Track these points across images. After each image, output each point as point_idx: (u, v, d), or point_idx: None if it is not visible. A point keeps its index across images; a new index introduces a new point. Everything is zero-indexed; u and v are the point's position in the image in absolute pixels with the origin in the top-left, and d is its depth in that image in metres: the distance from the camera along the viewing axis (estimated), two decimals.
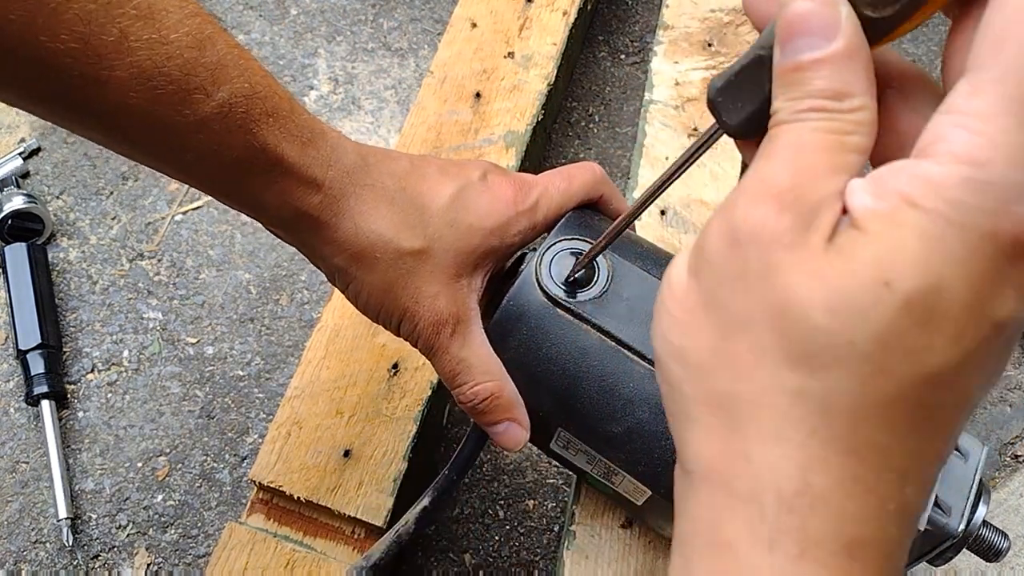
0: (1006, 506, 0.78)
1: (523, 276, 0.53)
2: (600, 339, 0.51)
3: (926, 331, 0.26)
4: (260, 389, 0.85)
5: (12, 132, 0.97)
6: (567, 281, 0.52)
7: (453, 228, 0.52)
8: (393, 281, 0.52)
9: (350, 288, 0.53)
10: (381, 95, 1.00)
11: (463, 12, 0.91)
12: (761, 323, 0.27)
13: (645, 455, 0.51)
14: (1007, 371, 0.87)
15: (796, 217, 0.27)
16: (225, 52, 0.44)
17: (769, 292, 0.27)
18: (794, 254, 0.27)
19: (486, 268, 0.55)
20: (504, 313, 0.53)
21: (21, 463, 0.81)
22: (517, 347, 0.53)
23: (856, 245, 0.26)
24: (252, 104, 0.45)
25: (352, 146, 0.51)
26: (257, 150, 0.46)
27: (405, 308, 0.53)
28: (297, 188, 0.49)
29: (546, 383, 0.53)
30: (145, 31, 0.41)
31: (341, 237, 0.51)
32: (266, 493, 0.69)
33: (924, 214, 0.25)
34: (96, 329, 0.87)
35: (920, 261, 0.25)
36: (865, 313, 0.26)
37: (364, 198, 0.51)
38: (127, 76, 0.42)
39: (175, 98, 0.43)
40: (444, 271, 0.52)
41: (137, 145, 0.46)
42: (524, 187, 0.55)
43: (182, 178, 0.50)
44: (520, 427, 0.55)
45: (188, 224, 0.93)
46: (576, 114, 1.01)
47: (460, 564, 0.78)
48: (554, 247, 0.53)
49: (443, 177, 0.53)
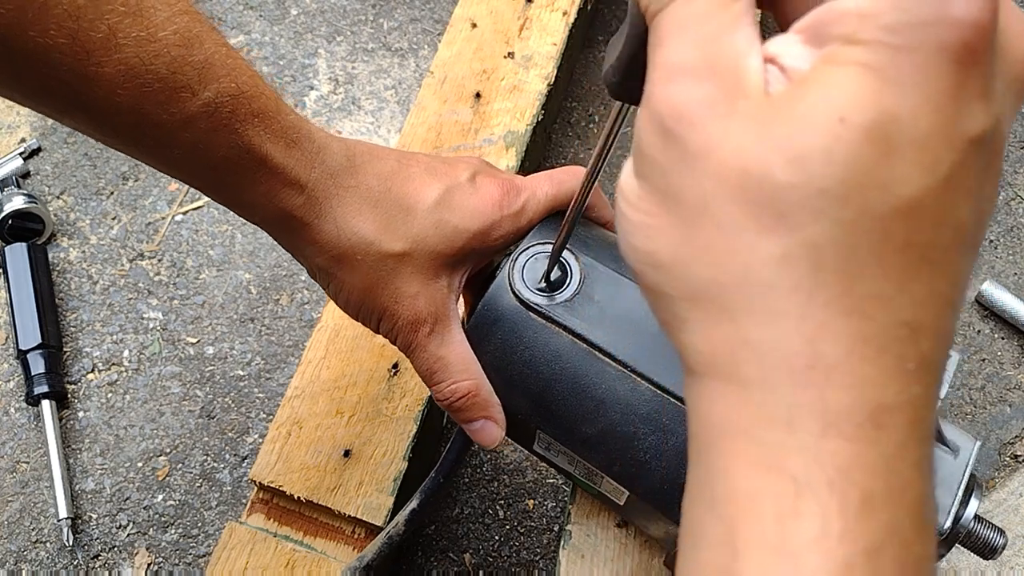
0: (1006, 506, 0.78)
1: (497, 281, 0.53)
2: (572, 342, 0.51)
3: (894, 161, 0.24)
4: (260, 389, 0.85)
5: (12, 132, 0.97)
6: (540, 285, 0.52)
7: (437, 229, 0.52)
8: (374, 282, 0.52)
9: (331, 287, 0.54)
10: (381, 95, 1.00)
11: (463, 12, 0.91)
12: (721, 199, 0.26)
13: (620, 455, 0.51)
14: (1007, 372, 0.87)
15: (718, 82, 0.26)
16: (213, 51, 0.45)
17: (719, 166, 0.25)
18: (733, 119, 0.25)
19: (465, 268, 0.55)
20: (479, 318, 0.53)
21: (21, 463, 0.81)
22: (493, 351, 0.53)
23: (800, 92, 0.25)
24: (238, 104, 0.46)
25: (339, 147, 0.51)
26: (242, 150, 0.47)
27: (385, 307, 0.53)
28: (281, 189, 0.49)
29: (522, 386, 0.53)
30: (133, 28, 0.42)
31: (323, 238, 0.51)
32: (266, 493, 0.69)
33: (865, 47, 0.24)
34: (96, 329, 0.87)
35: (872, 92, 0.24)
36: (828, 155, 0.24)
37: (348, 200, 0.51)
38: (115, 73, 0.42)
39: (161, 96, 0.43)
40: (424, 271, 0.53)
41: (125, 140, 0.47)
42: (512, 190, 0.55)
43: (171, 173, 0.50)
44: (496, 424, 0.55)
45: (188, 224, 0.93)
46: (576, 114, 1.01)
47: (460, 564, 0.78)
48: (528, 251, 0.54)
49: (430, 177, 0.53)
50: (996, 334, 0.89)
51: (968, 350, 0.88)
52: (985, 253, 0.93)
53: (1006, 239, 0.93)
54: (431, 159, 0.55)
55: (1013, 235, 0.94)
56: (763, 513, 0.26)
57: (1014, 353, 0.88)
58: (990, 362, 0.87)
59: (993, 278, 0.90)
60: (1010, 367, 0.87)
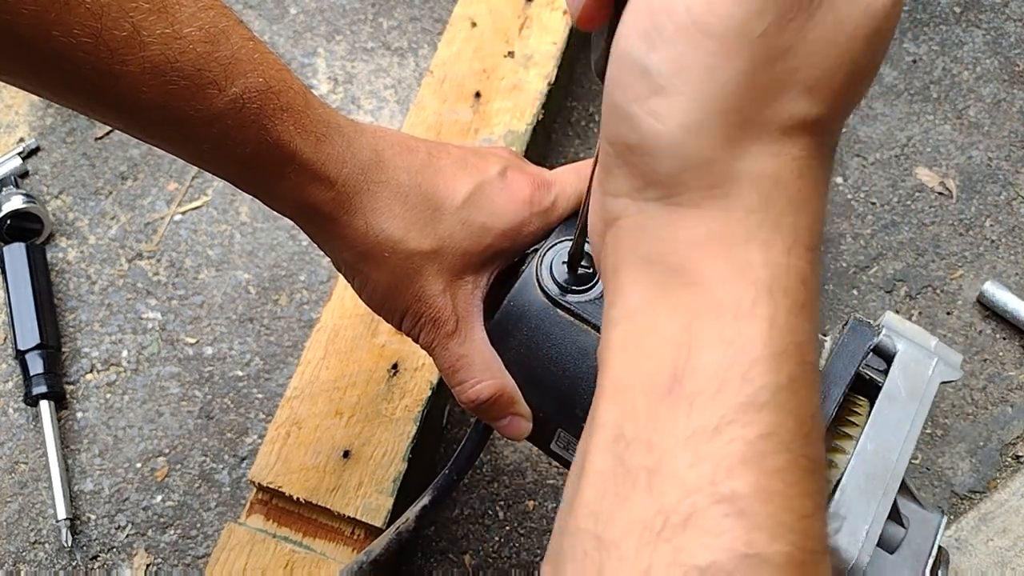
0: (1007, 507, 0.78)
1: (524, 276, 0.53)
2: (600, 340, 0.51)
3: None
4: (259, 389, 0.84)
5: (11, 132, 0.97)
6: (567, 281, 0.52)
7: (465, 227, 0.52)
8: (399, 279, 0.52)
9: (356, 281, 0.53)
10: (381, 94, 1.00)
11: (463, 11, 0.91)
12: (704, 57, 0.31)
13: None
14: (1009, 372, 0.86)
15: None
16: (239, 46, 0.44)
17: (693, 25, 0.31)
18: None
19: (494, 266, 0.54)
20: (504, 314, 0.53)
21: (20, 463, 0.81)
22: (518, 347, 0.53)
23: None
24: (266, 99, 0.45)
25: (368, 139, 0.51)
26: (271, 145, 0.46)
27: (408, 306, 0.52)
28: (310, 183, 0.48)
29: (546, 384, 0.52)
30: (158, 25, 0.41)
31: (351, 234, 0.50)
32: (265, 494, 0.69)
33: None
34: (95, 329, 0.87)
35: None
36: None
37: (377, 195, 0.50)
38: (140, 71, 0.42)
39: (187, 93, 0.43)
40: (450, 269, 0.52)
41: (152, 134, 0.46)
42: (542, 186, 0.54)
43: (199, 166, 0.50)
44: (523, 418, 0.55)
45: (187, 224, 0.92)
46: (576, 114, 1.01)
47: (460, 565, 0.78)
48: (556, 247, 0.53)
49: (460, 171, 0.53)
50: (997, 334, 0.88)
51: (969, 350, 0.87)
52: (986, 253, 0.92)
53: (1007, 239, 0.93)
54: (462, 151, 0.55)
55: (1014, 235, 0.93)
56: (723, 312, 0.31)
57: (1015, 353, 0.87)
58: (991, 362, 0.87)
59: (994, 278, 0.90)
60: (1012, 367, 0.87)
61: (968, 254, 0.93)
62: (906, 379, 0.52)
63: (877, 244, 0.93)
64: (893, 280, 0.91)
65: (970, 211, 0.95)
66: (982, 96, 1.01)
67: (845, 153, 0.98)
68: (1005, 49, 1.04)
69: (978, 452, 0.83)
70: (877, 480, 0.48)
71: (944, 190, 0.96)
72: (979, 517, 0.77)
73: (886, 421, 0.50)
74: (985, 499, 0.79)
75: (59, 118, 0.98)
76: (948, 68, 1.03)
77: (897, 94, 1.01)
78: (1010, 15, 1.06)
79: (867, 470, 0.48)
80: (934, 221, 0.94)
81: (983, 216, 0.95)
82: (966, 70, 1.03)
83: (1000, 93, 1.01)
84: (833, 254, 0.93)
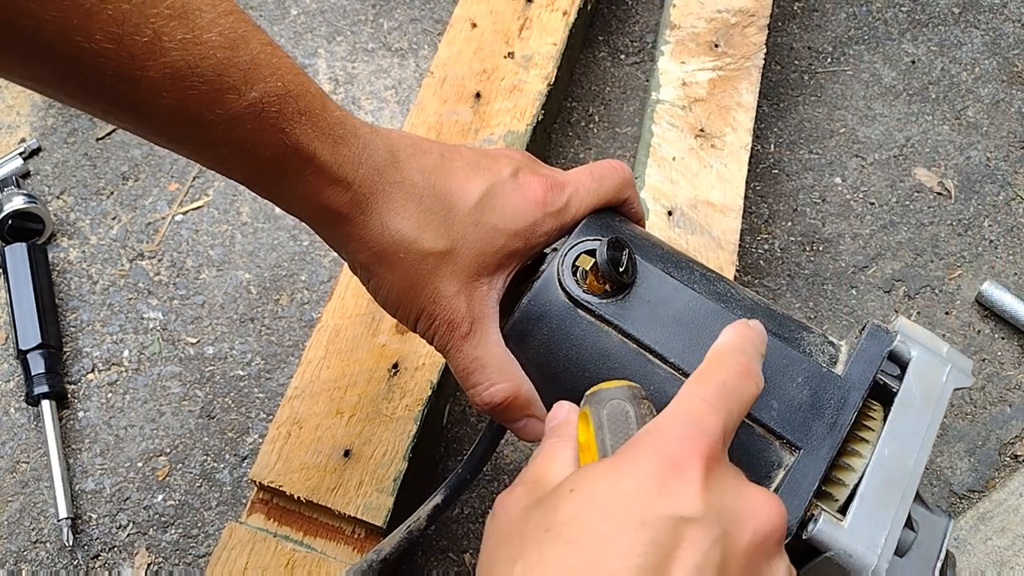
0: (1006, 506, 0.78)
1: (545, 276, 0.52)
2: (621, 341, 0.51)
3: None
4: (260, 389, 0.85)
5: (12, 132, 0.97)
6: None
7: (478, 228, 0.52)
8: (414, 280, 0.52)
9: (371, 283, 0.54)
10: (381, 95, 1.00)
11: (463, 12, 0.91)
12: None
13: None
14: (1007, 372, 0.87)
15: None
16: (258, 51, 0.45)
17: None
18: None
19: (510, 268, 0.54)
20: (524, 313, 0.52)
21: (21, 463, 0.81)
22: (537, 347, 0.53)
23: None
24: (284, 103, 0.46)
25: (383, 141, 0.51)
26: (289, 149, 0.47)
27: (423, 308, 0.53)
28: (327, 186, 0.49)
29: (565, 384, 0.52)
30: (179, 31, 0.42)
31: (367, 235, 0.51)
32: (266, 493, 0.69)
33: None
34: (96, 329, 0.87)
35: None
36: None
37: (392, 196, 0.50)
38: (160, 76, 0.42)
39: (207, 98, 0.43)
40: (465, 271, 0.52)
41: (171, 139, 0.47)
42: (555, 187, 0.54)
43: (217, 170, 0.50)
44: (540, 420, 0.54)
45: (188, 224, 0.93)
46: (576, 114, 1.01)
47: (460, 564, 0.78)
48: (577, 247, 0.53)
49: (473, 173, 0.53)
50: (996, 334, 0.89)
51: (968, 350, 0.88)
52: (985, 253, 0.93)
53: (1006, 239, 0.93)
54: (474, 152, 0.55)
55: (1013, 235, 0.94)
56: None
57: (1014, 353, 0.88)
58: (990, 362, 0.87)
59: (993, 278, 0.90)
60: (1010, 367, 0.87)
61: (967, 254, 0.93)
62: (921, 385, 0.51)
63: (876, 244, 0.93)
64: (892, 280, 0.92)
65: (968, 211, 0.95)
66: (980, 96, 1.01)
67: (844, 153, 0.98)
68: (1004, 50, 1.04)
69: (977, 451, 0.83)
70: (894, 486, 0.48)
71: (943, 190, 0.96)
72: (978, 516, 0.77)
73: (902, 427, 0.50)
74: (984, 498, 0.79)
75: (60, 119, 0.98)
76: (947, 69, 1.03)
77: (896, 94, 1.02)
78: (1009, 16, 1.06)
79: (885, 476, 0.48)
80: (933, 221, 0.95)
81: (981, 216, 0.95)
82: (965, 71, 1.03)
83: (998, 93, 1.01)
84: (832, 254, 0.93)
